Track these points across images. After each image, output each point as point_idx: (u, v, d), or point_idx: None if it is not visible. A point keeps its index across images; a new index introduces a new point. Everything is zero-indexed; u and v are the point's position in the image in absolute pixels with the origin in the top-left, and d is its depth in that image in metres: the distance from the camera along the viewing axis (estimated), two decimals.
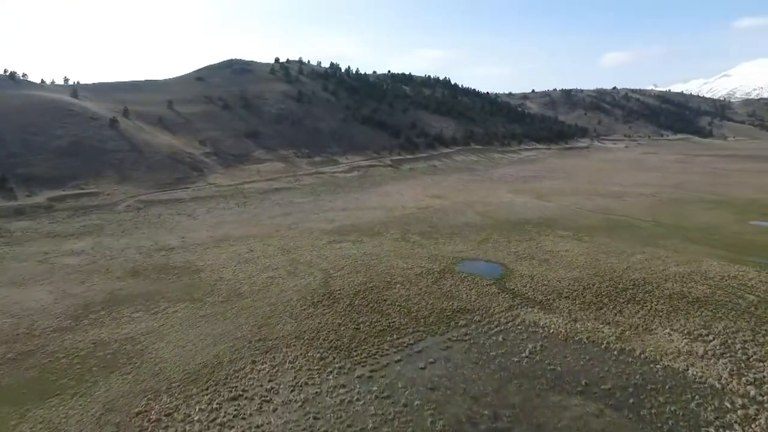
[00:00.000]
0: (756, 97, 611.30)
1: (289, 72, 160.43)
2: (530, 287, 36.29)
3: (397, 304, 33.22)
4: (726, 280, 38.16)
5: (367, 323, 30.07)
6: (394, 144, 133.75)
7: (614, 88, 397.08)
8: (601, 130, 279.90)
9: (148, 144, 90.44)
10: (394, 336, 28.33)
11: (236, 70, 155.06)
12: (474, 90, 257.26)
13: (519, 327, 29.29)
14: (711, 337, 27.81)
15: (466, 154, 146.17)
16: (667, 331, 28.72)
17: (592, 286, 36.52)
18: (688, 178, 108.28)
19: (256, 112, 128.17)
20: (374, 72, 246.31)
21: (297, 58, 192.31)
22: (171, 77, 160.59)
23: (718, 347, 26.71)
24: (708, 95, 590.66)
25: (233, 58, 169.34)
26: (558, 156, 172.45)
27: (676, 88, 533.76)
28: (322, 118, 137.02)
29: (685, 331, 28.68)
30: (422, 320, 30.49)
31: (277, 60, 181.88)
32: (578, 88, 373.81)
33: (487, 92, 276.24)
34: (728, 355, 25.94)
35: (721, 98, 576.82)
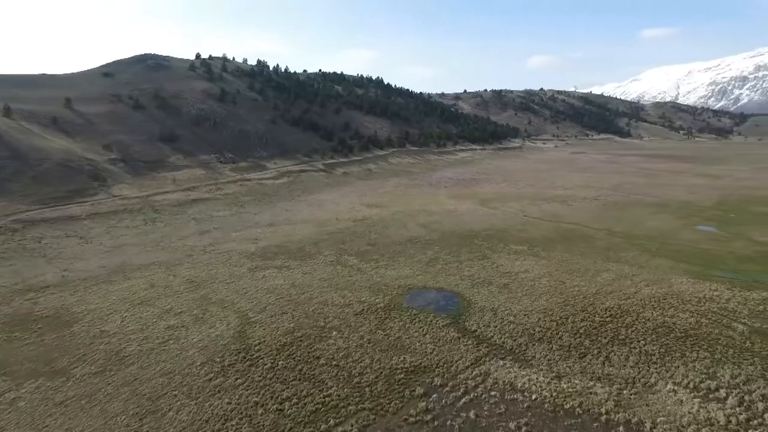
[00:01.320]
0: (662, 100, 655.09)
1: (211, 69, 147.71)
2: (495, 327, 30.05)
3: (333, 363, 25.75)
4: (704, 304, 33.91)
5: (295, 399, 22.36)
6: (326, 147, 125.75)
7: (541, 89, 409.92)
8: (531, 130, 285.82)
9: (36, 149, 76.89)
10: (331, 421, 20.90)
11: (151, 65, 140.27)
12: (407, 90, 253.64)
13: (493, 394, 22.76)
14: (723, 393, 22.67)
15: (402, 156, 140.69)
16: (670, 386, 23.31)
17: (566, 320, 30.88)
18: (624, 179, 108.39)
19: (174, 112, 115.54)
20: (305, 71, 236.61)
21: (221, 55, 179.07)
22: (74, 72, 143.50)
23: (738, 409, 21.53)
24: (622, 97, 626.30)
25: (148, 52, 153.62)
26: (494, 157, 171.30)
27: (595, 90, 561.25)
28: (248, 119, 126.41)
29: (691, 385, 23.42)
30: (367, 389, 23.19)
31: (198, 56, 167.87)
32: (508, 89, 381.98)
33: (420, 92, 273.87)
34: (755, 421, 20.81)
35: (633, 100, 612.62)
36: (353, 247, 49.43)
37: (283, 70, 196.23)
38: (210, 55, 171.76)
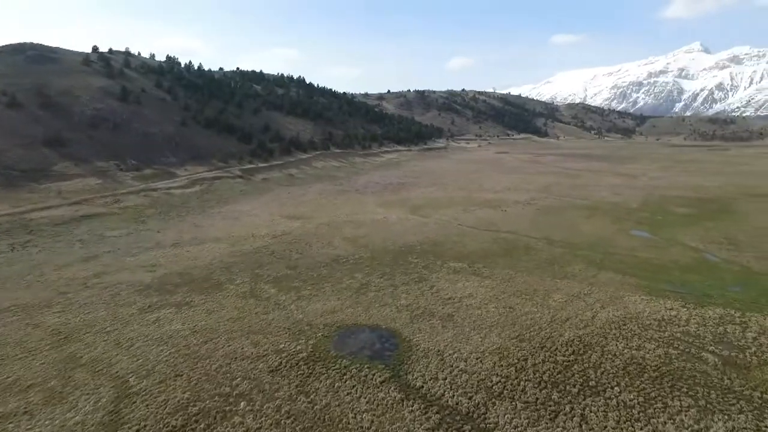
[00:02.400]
0: (573, 102, 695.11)
1: (110, 64, 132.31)
2: (444, 379, 24.54)
3: None
4: (666, 329, 30.61)
5: None
6: (244, 150, 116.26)
7: (463, 89, 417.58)
8: (454, 130, 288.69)
9: None
10: None
11: (32, 57, 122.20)
12: (331, 90, 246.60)
13: None
14: None
15: (326, 159, 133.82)
16: None
17: (525, 364, 26.04)
18: (550, 180, 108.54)
19: (63, 112, 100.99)
20: (221, 69, 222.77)
21: (124, 49, 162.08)
22: None
23: None
24: (537, 98, 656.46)
25: (28, 41, 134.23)
26: (420, 158, 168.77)
27: (512, 91, 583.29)
28: (156, 120, 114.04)
29: None
30: None
31: (95, 49, 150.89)
32: (431, 89, 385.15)
33: (344, 92, 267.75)
34: None
35: (548, 101, 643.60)
36: (271, 271, 42.37)
37: (196, 68, 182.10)
38: (110, 49, 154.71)
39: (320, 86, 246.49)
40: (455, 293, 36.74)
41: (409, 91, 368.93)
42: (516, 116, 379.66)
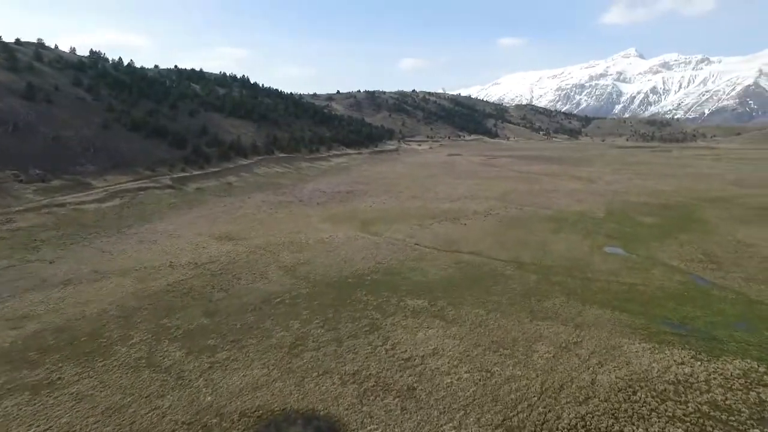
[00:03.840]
0: (520, 103, 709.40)
1: (16, 57, 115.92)
2: None
3: None
4: (686, 397, 23.88)
5: None
6: (177, 156, 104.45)
7: (413, 90, 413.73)
8: (406, 132, 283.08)
9: None
10: None
11: None
12: (277, 90, 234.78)
13: None
14: None
15: (269, 164, 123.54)
16: None
17: None
18: (508, 186, 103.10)
19: None
20: (156, 66, 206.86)
21: (35, 40, 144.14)
22: None
23: None
24: (486, 99, 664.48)
25: None
26: (370, 161, 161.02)
27: (462, 92, 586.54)
28: (70, 123, 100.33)
29: None
30: None
31: None
32: (381, 90, 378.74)
33: (291, 93, 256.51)
34: None
35: (497, 102, 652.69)
36: (183, 320, 33.04)
37: (125, 65, 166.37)
38: (17, 39, 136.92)
39: (266, 86, 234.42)
40: (416, 349, 28.81)
41: (359, 91, 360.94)
42: (466, 117, 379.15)
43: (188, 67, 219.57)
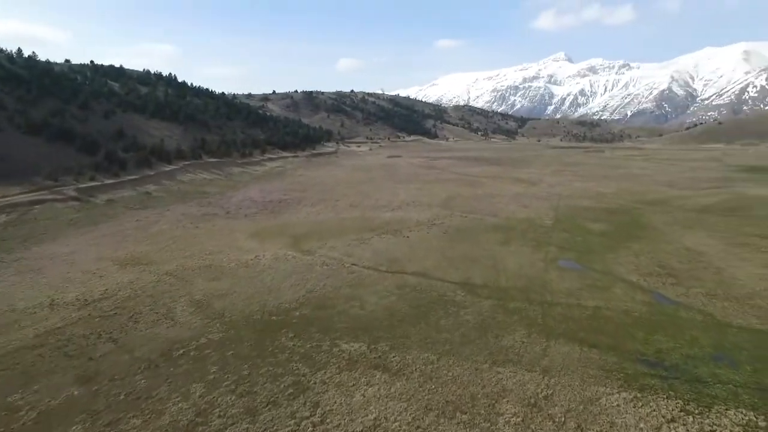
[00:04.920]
0: (458, 104, 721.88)
1: None
2: None
3: None
4: None
5: None
6: (86, 163, 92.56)
7: (352, 91, 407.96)
8: (344, 133, 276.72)
9: None
10: None
11: None
12: (207, 90, 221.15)
13: None
14: None
15: (196, 170, 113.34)
16: None
17: None
18: (451, 190, 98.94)
19: None
20: (67, 61, 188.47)
21: None
22: None
23: None
24: (424, 100, 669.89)
25: None
26: (307, 165, 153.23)
27: (400, 93, 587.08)
28: None
29: None
30: None
31: None
32: (319, 90, 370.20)
33: (223, 93, 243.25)
34: None
35: (435, 103, 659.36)
36: (42, 394, 24.84)
37: (25, 57, 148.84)
38: None
39: (195, 85, 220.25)
40: (353, 422, 22.45)
41: (296, 91, 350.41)
42: (406, 118, 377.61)
43: (107, 64, 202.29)
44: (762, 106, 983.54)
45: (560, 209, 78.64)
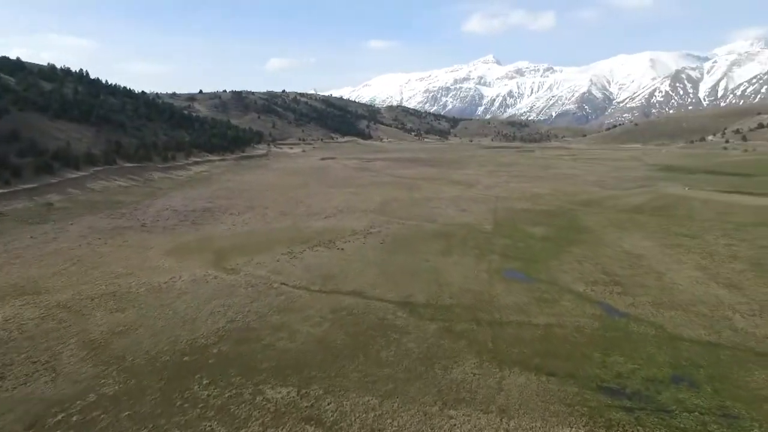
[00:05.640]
0: (391, 104, 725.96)
1: None
2: None
3: None
4: None
5: None
6: None
7: (283, 91, 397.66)
8: (276, 134, 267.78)
9: None
10: None
11: None
12: (125, 88, 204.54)
13: None
14: None
15: (110, 177, 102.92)
16: None
17: None
18: (387, 194, 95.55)
19: None
20: None
21: None
22: None
23: None
24: (358, 100, 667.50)
25: None
26: (236, 169, 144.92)
27: (333, 93, 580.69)
28: None
29: None
30: None
31: None
32: (249, 90, 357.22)
33: (144, 91, 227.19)
34: None
35: (368, 103, 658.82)
36: None
37: None
38: None
39: (112, 83, 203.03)
40: None
41: (224, 91, 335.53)
42: (339, 118, 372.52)
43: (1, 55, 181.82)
44: (667, 109, 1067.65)
45: (499, 212, 77.26)
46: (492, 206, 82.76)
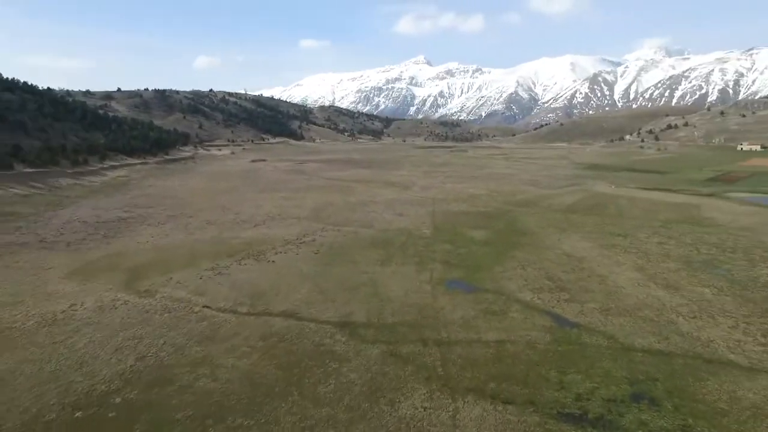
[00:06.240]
0: (323, 104, 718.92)
1: None
2: None
3: None
4: None
5: None
6: None
7: (211, 90, 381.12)
8: (204, 136, 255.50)
9: None
10: None
11: None
12: (26, 84, 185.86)
13: None
14: None
15: (4, 185, 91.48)
16: None
17: None
18: (320, 199, 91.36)
19: None
20: None
21: None
22: None
23: None
24: (289, 101, 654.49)
25: None
26: (159, 173, 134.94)
27: (264, 93, 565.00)
28: None
29: None
30: None
31: None
32: (174, 88, 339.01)
33: (49, 88, 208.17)
34: None
35: (300, 104, 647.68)
36: None
37: None
38: None
39: (10, 78, 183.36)
40: None
41: (146, 89, 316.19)
42: (270, 119, 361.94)
43: None
44: (587, 109, 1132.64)
45: (437, 215, 75.28)
46: (429, 209, 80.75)
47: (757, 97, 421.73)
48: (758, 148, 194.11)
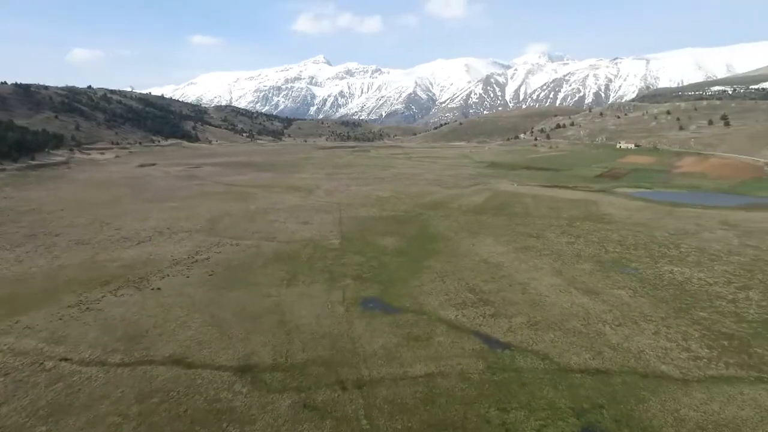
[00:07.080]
0: (219, 104, 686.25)
1: None
2: None
3: None
4: None
5: None
6: None
7: (90, 87, 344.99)
8: (82, 138, 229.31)
9: None
10: None
11: None
12: None
13: None
14: None
15: None
16: None
17: None
18: (217, 207, 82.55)
19: None
20: None
21: None
22: None
23: None
24: (182, 100, 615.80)
25: None
26: (19, 183, 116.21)
27: (154, 92, 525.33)
28: None
29: None
30: None
31: None
32: (43, 84, 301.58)
33: None
34: None
35: (194, 103, 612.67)
36: None
37: None
38: None
39: None
40: None
41: (4, 83, 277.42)
42: (161, 119, 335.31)
43: None
44: (482, 109, 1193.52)
45: (345, 223, 70.41)
46: (336, 216, 75.63)
47: (623, 101, 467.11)
48: (633, 146, 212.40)
